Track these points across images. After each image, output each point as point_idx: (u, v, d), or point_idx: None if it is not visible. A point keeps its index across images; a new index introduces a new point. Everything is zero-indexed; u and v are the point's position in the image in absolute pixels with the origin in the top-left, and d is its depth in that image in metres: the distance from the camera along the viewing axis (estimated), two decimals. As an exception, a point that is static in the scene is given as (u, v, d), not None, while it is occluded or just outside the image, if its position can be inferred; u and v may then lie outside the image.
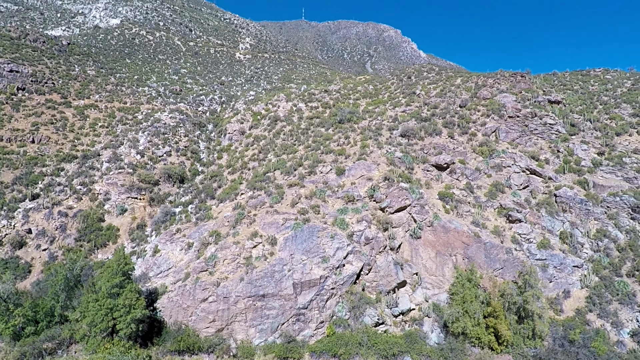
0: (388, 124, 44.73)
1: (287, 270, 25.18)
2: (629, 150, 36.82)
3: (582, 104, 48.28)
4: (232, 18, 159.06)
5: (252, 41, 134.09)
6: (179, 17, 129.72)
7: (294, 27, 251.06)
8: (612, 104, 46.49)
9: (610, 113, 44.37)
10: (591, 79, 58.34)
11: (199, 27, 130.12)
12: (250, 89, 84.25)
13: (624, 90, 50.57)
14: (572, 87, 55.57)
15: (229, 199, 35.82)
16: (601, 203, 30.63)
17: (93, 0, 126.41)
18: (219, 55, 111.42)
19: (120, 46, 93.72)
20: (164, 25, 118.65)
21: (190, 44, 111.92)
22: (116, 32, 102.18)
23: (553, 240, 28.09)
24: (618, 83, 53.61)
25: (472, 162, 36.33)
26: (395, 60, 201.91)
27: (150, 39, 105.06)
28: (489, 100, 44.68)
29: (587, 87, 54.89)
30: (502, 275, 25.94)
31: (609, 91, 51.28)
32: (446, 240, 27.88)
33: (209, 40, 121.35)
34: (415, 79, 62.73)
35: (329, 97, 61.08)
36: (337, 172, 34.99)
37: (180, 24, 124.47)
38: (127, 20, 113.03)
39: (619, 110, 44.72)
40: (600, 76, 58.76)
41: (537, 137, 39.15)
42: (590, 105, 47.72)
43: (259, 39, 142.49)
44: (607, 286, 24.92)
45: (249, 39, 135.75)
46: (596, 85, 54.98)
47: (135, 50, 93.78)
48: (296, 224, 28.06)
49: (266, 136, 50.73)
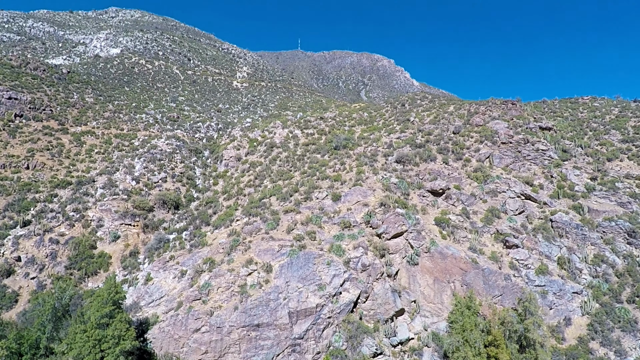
0: (383, 150, 45.19)
1: (283, 299, 24.61)
2: (621, 175, 37.29)
3: (572, 130, 49.28)
4: (230, 48, 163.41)
5: (249, 70, 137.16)
6: (178, 47, 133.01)
7: (290, 57, 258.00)
8: (602, 131, 47.49)
9: (600, 139, 45.24)
10: (580, 106, 59.85)
11: (198, 56, 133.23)
12: (247, 116, 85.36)
13: (612, 117, 51.82)
14: (562, 114, 56.85)
15: (224, 225, 35.47)
16: (597, 228, 30.66)
17: (95, 31, 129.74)
18: (216, 83, 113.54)
19: (119, 74, 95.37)
20: (163, 54, 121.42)
21: (189, 72, 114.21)
22: (116, 61, 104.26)
23: (551, 266, 27.86)
24: (606, 110, 54.99)
25: (467, 187, 36.51)
26: (389, 88, 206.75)
27: (150, 67, 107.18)
28: (482, 126, 45.50)
29: (576, 114, 56.20)
30: (502, 303, 25.50)
31: (597, 118, 52.50)
32: (444, 266, 27.56)
33: (207, 69, 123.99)
34: (409, 106, 63.99)
35: (324, 124, 61.93)
36: (333, 198, 34.95)
37: (179, 54, 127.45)
38: (127, 49, 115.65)
39: (609, 136, 45.65)
40: (589, 103, 60.33)
41: (530, 162, 39.64)
42: (581, 131, 48.70)
43: (256, 68, 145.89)
44: (608, 313, 24.53)
45: (247, 67, 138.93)
46: (585, 112, 56.32)
47: (134, 79, 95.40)
48: (292, 251, 27.70)
49: (262, 162, 50.93)
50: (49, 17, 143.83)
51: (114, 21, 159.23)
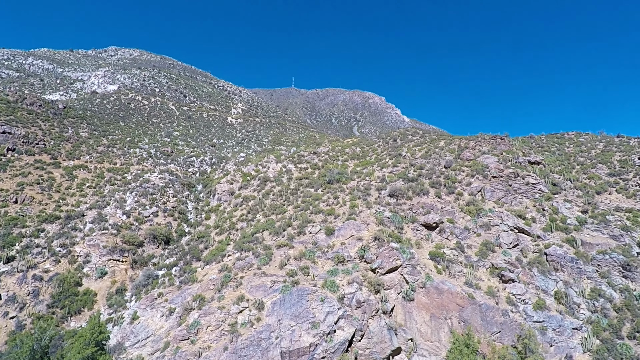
0: (376, 184, 45.45)
1: (275, 338, 23.64)
2: (611, 208, 37.71)
3: (560, 164, 50.31)
4: (226, 85, 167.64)
5: (244, 106, 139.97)
6: (174, 84, 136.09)
7: (284, 94, 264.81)
8: (589, 165, 48.55)
9: (588, 173, 46.15)
10: (566, 141, 61.53)
11: (193, 93, 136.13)
12: (241, 150, 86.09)
13: (598, 151, 53.20)
14: (549, 148, 58.27)
15: (216, 260, 34.69)
16: (591, 261, 30.52)
17: (93, 69, 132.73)
18: (211, 119, 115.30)
19: (115, 110, 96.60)
20: (160, 91, 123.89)
21: (184, 108, 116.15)
22: (112, 97, 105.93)
23: (549, 301, 27.38)
24: (591, 145, 56.55)
25: (460, 221, 36.51)
26: (381, 124, 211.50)
27: (146, 103, 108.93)
28: (472, 161, 46.29)
29: (563, 148, 57.65)
30: (500, 340, 24.74)
31: (584, 152, 53.86)
32: (440, 302, 26.94)
33: (203, 105, 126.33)
34: (400, 141, 65.21)
35: (317, 158, 62.56)
36: (326, 232, 34.61)
37: (176, 90, 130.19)
38: (125, 86, 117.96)
39: (596, 170, 46.61)
40: (574, 139, 62.09)
41: (522, 196, 40.03)
42: (568, 165, 49.73)
43: (250, 104, 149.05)
44: (609, 350, 23.85)
45: (241, 104, 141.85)
46: (571, 147, 57.83)
47: (130, 114, 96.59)
48: (284, 287, 26.97)
49: (255, 196, 50.75)
50: (49, 55, 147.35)
51: (113, 59, 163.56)
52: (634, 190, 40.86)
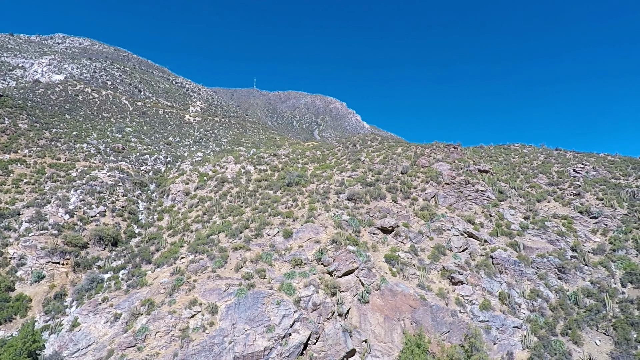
0: (335, 187, 45.91)
1: (228, 343, 23.01)
2: (549, 215, 40.81)
3: (506, 173, 53.71)
4: (184, 82, 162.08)
5: (203, 105, 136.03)
6: (128, 77, 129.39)
7: (245, 94, 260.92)
8: (531, 174, 52.29)
9: (530, 182, 49.68)
10: (512, 152, 65.88)
11: (149, 88, 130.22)
12: (198, 150, 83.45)
13: (539, 162, 57.46)
14: (497, 158, 62.06)
15: (167, 263, 33.22)
16: (531, 264, 32.82)
17: (37, 56, 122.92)
18: (167, 116, 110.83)
19: (60, 101, 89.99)
20: (112, 84, 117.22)
21: (138, 103, 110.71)
22: (58, 88, 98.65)
23: (493, 302, 29.02)
24: (534, 156, 60.98)
25: (415, 225, 37.78)
26: (342, 129, 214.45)
27: (96, 96, 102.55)
28: (427, 168, 48.17)
29: (509, 159, 61.65)
30: (449, 339, 25.81)
31: (527, 163, 57.93)
32: (394, 304, 27.62)
33: (159, 101, 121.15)
34: (360, 146, 66.44)
35: (277, 160, 62.12)
36: (284, 235, 34.36)
37: (130, 84, 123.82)
38: (72, 77, 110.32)
39: (537, 179, 50.30)
40: (519, 150, 66.64)
41: (471, 202, 42.21)
42: (513, 174, 53.22)
43: (210, 103, 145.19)
44: (545, 346, 25.72)
45: (200, 102, 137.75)
46: (516, 157, 62.00)
47: (77, 107, 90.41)
48: (240, 290, 26.37)
49: (212, 197, 49.35)
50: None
51: (60, 47, 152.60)
52: (569, 199, 44.51)
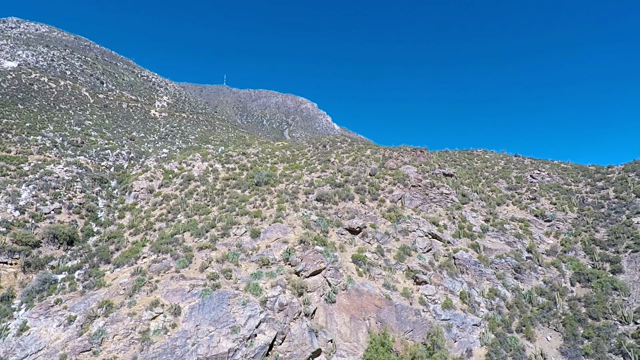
0: (304, 188, 45.91)
1: (191, 345, 22.39)
2: (508, 218, 42.88)
3: (469, 177, 55.88)
4: (151, 76, 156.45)
5: (170, 100, 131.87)
6: (90, 68, 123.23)
7: (214, 91, 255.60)
8: (492, 179, 54.72)
9: (491, 186, 51.97)
10: (474, 157, 68.65)
11: (113, 80, 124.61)
12: (163, 146, 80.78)
13: (500, 168, 60.26)
14: (461, 163, 64.47)
15: (128, 263, 31.88)
16: (491, 264, 34.34)
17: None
18: (132, 110, 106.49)
19: (13, 90, 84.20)
20: (72, 74, 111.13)
21: (100, 96, 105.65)
22: (10, 76, 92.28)
23: (455, 301, 30.07)
24: (495, 162, 63.85)
25: (382, 226, 38.46)
26: (312, 130, 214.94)
27: (53, 86, 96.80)
28: (395, 170, 49.22)
29: (472, 163, 64.19)
30: (413, 338, 26.47)
31: (488, 168, 60.57)
32: (360, 303, 27.96)
33: (122, 94, 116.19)
34: (329, 147, 66.84)
35: (246, 159, 61.29)
36: (252, 235, 33.94)
37: (91, 75, 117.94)
38: (27, 64, 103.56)
39: (497, 184, 52.71)
40: (481, 155, 69.56)
41: (436, 204, 43.56)
42: (476, 179, 55.46)
43: (177, 98, 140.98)
44: (501, 343, 26.97)
45: (167, 97, 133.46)
46: (479, 162, 64.67)
47: (32, 97, 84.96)
48: (204, 291, 25.75)
49: (177, 195, 47.90)
50: None
51: (14, 32, 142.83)
52: (525, 202, 46.96)
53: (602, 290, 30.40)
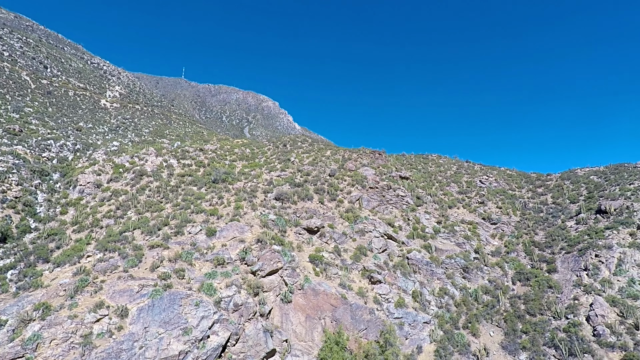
0: (263, 187, 45.40)
1: (139, 348, 21.34)
2: (458, 220, 45.09)
3: (424, 181, 58.11)
4: (102, 63, 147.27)
5: (122, 90, 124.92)
6: (32, 51, 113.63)
7: (172, 84, 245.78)
8: (445, 183, 57.29)
9: (444, 190, 54.40)
10: (429, 161, 71.52)
11: (58, 66, 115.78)
12: (114, 139, 76.32)
13: (452, 172, 63.23)
14: (417, 166, 66.86)
15: (70, 262, 29.75)
16: (441, 264, 35.94)
17: None
18: (79, 99, 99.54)
19: (-62, 70, 75.59)
20: (10, 56, 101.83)
21: (43, 81, 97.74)
22: None
23: (407, 299, 31.13)
24: (448, 166, 66.92)
25: (339, 226, 38.95)
26: (273, 129, 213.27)
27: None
28: (354, 172, 50.06)
29: (427, 167, 66.80)
30: (366, 336, 27.04)
31: (442, 172, 63.35)
32: (316, 303, 28.12)
33: (69, 81, 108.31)
34: (290, 147, 66.62)
35: (204, 155, 59.49)
36: (207, 233, 32.98)
37: (33, 59, 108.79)
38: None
39: (449, 188, 55.28)
40: (436, 160, 72.62)
41: (392, 206, 44.84)
42: (430, 182, 57.78)
43: (131, 89, 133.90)
44: (449, 339, 28.31)
45: (120, 87, 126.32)
46: (433, 167, 67.45)
47: (-39, 78, 76.78)
48: (155, 291, 24.65)
49: (128, 191, 45.45)
50: None
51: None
52: (474, 206, 49.65)
53: (539, 289, 32.87)
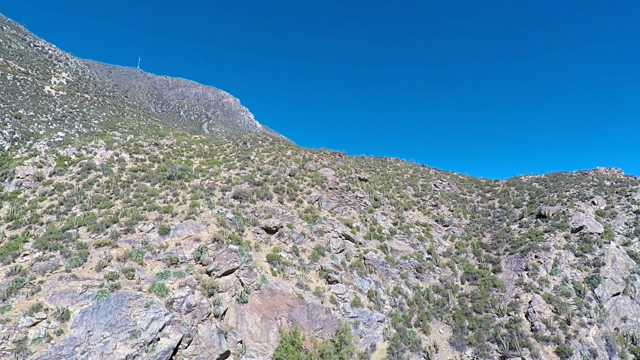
0: (221, 184, 44.35)
1: (80, 353, 20.01)
2: (413, 222, 46.74)
3: (382, 183, 59.63)
4: (47, 47, 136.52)
5: (70, 77, 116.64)
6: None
7: (126, 74, 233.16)
8: (402, 185, 59.17)
9: (401, 192, 56.16)
10: (387, 164, 73.52)
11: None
12: (59, 129, 71.05)
13: (409, 176, 65.44)
14: (375, 169, 68.48)
15: (4, 261, 27.23)
16: (396, 265, 37.07)
17: None
18: (19, 84, 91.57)
19: None
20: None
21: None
22: None
23: (363, 299, 31.75)
24: (405, 170, 69.16)
25: (298, 226, 38.94)
26: (233, 126, 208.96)
27: None
28: (314, 172, 50.30)
29: (385, 170, 68.62)
30: (322, 335, 27.24)
31: (399, 175, 65.37)
32: (272, 303, 27.90)
33: (8, 64, 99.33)
34: (250, 145, 65.65)
35: (159, 150, 57.03)
36: (160, 232, 31.64)
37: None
38: None
39: (406, 190, 57.16)
40: (394, 163, 74.79)
41: (351, 207, 45.58)
42: (387, 184, 59.40)
43: (80, 76, 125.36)
44: (402, 337, 29.26)
45: (67, 74, 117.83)
46: (391, 170, 69.41)
47: None
48: (101, 292, 23.23)
49: (73, 185, 42.48)
50: None
51: None
52: (429, 208, 51.72)
53: (485, 288, 34.89)
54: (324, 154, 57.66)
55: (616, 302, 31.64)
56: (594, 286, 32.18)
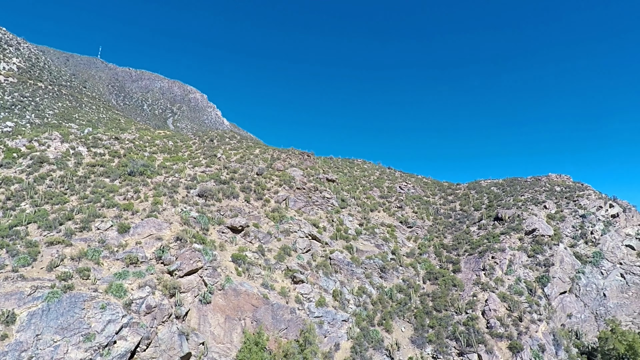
0: (186, 182, 43.14)
1: (28, 359, 18.76)
2: (378, 223, 47.66)
3: (349, 184, 60.37)
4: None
5: (22, 63, 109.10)
6: None
7: (85, 63, 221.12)
8: (368, 187, 60.17)
9: (367, 194, 57.10)
10: (355, 166, 74.55)
11: None
12: (8, 118, 66.27)
13: (375, 177, 66.69)
14: (343, 170, 69.23)
15: (-60, 260, 25.02)
16: (361, 265, 37.63)
17: None
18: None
19: None
20: None
21: None
22: None
23: (328, 298, 31.97)
24: (371, 172, 70.44)
25: (264, 226, 38.60)
26: (199, 122, 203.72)
27: None
28: (282, 172, 50.06)
29: (352, 171, 69.54)
30: (287, 335, 27.16)
31: (366, 177, 66.46)
32: (237, 303, 27.48)
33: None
34: (217, 142, 64.30)
35: (120, 145, 54.56)
36: (119, 230, 30.28)
37: None
38: None
39: (372, 192, 58.20)
40: (361, 165, 75.95)
41: (318, 207, 45.77)
42: (354, 186, 60.21)
43: (33, 63, 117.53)
44: (365, 336, 29.75)
45: (18, 59, 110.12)
46: (358, 171, 70.44)
47: None
48: (52, 293, 21.87)
49: (23, 180, 39.75)
50: None
51: None
52: (394, 210, 52.94)
53: (445, 287, 36.20)
54: (293, 154, 57.54)
55: (563, 299, 33.91)
56: (543, 285, 34.29)
